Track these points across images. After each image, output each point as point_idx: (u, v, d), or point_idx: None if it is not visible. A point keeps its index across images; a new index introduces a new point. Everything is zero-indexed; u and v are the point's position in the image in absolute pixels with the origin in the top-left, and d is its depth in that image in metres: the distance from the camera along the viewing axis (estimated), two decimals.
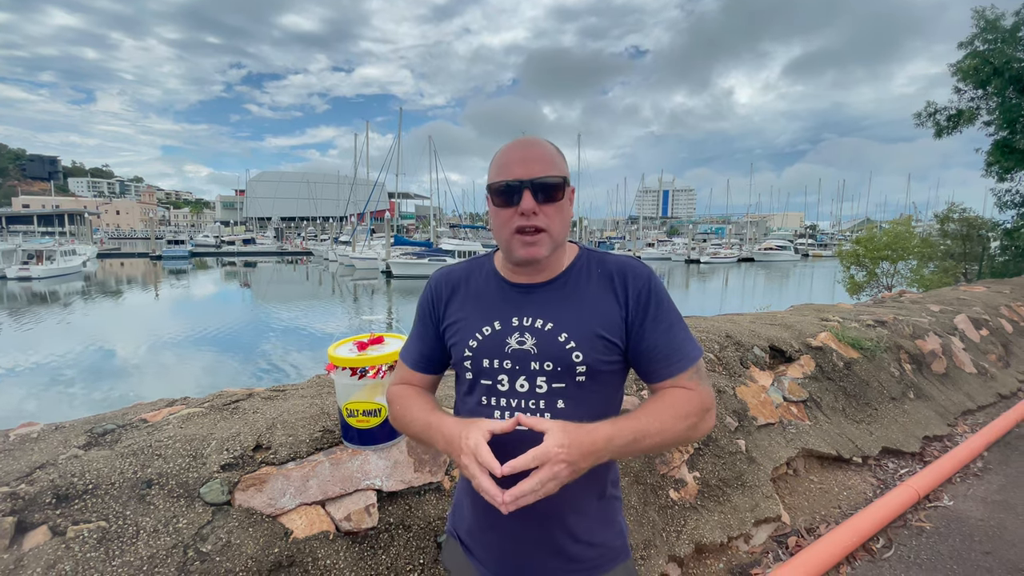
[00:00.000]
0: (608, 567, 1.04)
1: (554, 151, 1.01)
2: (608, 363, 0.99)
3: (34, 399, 10.66)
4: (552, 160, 0.98)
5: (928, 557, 2.42)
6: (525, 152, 0.98)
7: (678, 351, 0.99)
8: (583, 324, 0.99)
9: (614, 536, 1.07)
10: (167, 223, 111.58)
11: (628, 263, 1.05)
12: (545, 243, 0.98)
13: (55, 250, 34.89)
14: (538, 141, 1.01)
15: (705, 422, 0.97)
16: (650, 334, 0.99)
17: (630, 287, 1.00)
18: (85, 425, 1.72)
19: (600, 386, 1.01)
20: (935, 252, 13.26)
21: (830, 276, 22.28)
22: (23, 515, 1.30)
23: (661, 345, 0.99)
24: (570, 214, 1.04)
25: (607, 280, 1.02)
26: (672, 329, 1.00)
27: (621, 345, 1.00)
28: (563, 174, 0.99)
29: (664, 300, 1.01)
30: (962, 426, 3.95)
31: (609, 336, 0.99)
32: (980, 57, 10.71)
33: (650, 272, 1.04)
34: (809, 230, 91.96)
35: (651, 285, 1.01)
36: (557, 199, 0.98)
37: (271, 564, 1.43)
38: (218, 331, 17.40)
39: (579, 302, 1.01)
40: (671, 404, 0.95)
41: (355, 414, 1.45)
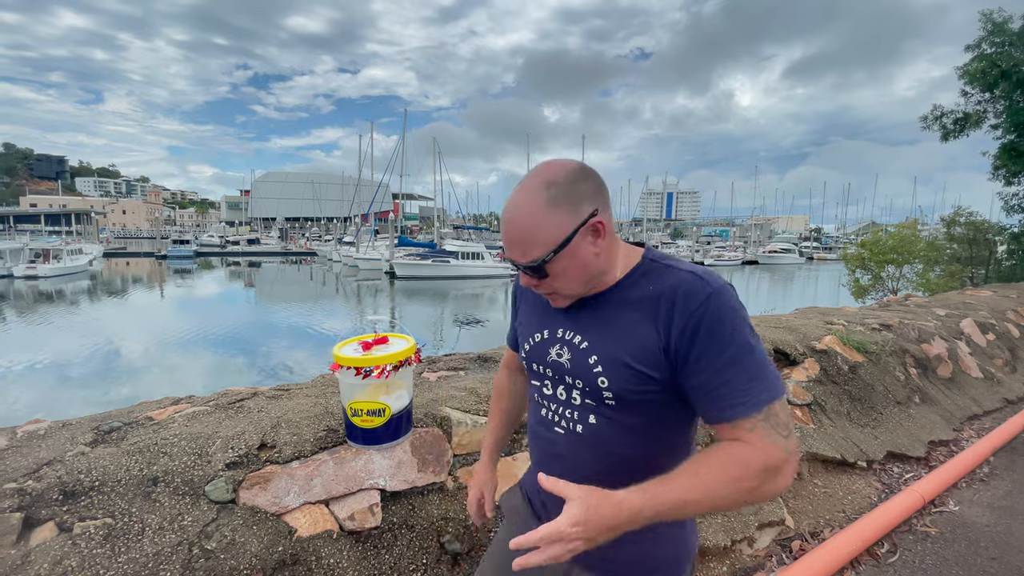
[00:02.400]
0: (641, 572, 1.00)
1: (533, 221, 0.86)
2: (641, 393, 0.90)
3: (41, 397, 10.73)
4: (527, 240, 0.87)
5: (933, 562, 2.41)
6: (509, 235, 0.90)
7: (734, 393, 0.83)
8: (613, 350, 0.91)
9: (657, 549, 0.99)
10: (172, 223, 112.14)
11: (683, 282, 0.88)
12: (562, 299, 0.96)
13: (62, 249, 35.10)
14: (516, 216, 0.88)
15: (768, 485, 0.81)
16: (699, 370, 0.85)
17: (676, 314, 0.86)
18: (92, 422, 1.73)
19: (637, 413, 0.92)
20: (941, 256, 13.19)
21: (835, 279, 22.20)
22: (30, 511, 1.31)
23: (713, 384, 0.84)
24: (586, 257, 0.90)
25: (652, 302, 0.89)
26: (730, 367, 0.83)
27: (658, 377, 0.88)
28: (543, 251, 0.87)
29: (721, 330, 0.84)
30: (968, 431, 3.93)
31: (640, 367, 0.88)
32: (987, 60, 10.66)
33: (711, 294, 0.85)
34: (814, 233, 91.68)
35: (705, 312, 0.84)
36: (544, 275, 0.91)
37: (275, 562, 1.43)
38: (222, 330, 17.47)
39: (615, 324, 0.93)
40: (720, 465, 0.81)
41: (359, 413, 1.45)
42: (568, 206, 0.86)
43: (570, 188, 0.87)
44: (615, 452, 0.95)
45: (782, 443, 0.82)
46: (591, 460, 0.96)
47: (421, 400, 2.03)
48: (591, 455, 0.96)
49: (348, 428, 1.51)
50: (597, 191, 0.90)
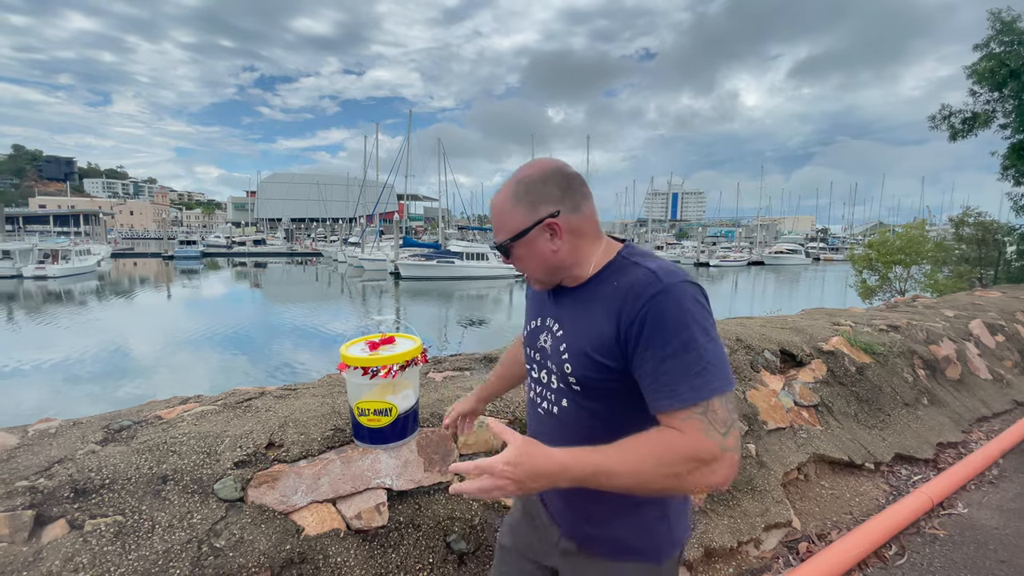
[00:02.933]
0: (619, 556, 1.06)
1: (502, 211, 1.02)
2: (602, 381, 0.97)
3: (51, 396, 10.83)
4: (499, 226, 1.04)
5: (942, 565, 2.39)
6: (492, 217, 1.07)
7: (672, 385, 0.87)
8: (578, 340, 1.00)
9: (641, 537, 1.05)
10: (179, 224, 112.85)
11: (639, 278, 0.94)
12: (534, 279, 1.08)
13: (70, 250, 35.39)
14: (496, 198, 1.05)
15: (696, 475, 0.84)
16: (644, 361, 0.90)
17: (628, 308, 0.92)
18: (101, 421, 1.75)
19: (599, 400, 0.99)
20: (949, 256, 13.08)
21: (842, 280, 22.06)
22: (42, 509, 1.33)
23: (654, 375, 0.89)
24: (545, 251, 1.01)
25: (614, 296, 0.96)
26: (670, 360, 0.87)
27: (614, 366, 0.94)
28: (505, 236, 1.02)
29: (665, 326, 0.88)
30: (977, 433, 3.90)
31: (599, 357, 0.95)
32: (996, 59, 10.57)
33: (659, 291, 0.90)
34: (820, 233, 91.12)
35: (651, 307, 0.89)
36: (511, 255, 1.04)
37: (283, 560, 1.44)
38: (229, 331, 17.57)
39: (583, 316, 1.01)
40: (650, 446, 0.85)
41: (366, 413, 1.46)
42: (527, 205, 0.99)
43: (534, 189, 0.99)
44: (582, 435, 0.99)
45: (717, 439, 0.84)
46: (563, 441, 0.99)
47: (427, 400, 2.03)
48: (563, 436, 1.03)
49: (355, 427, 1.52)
50: (564, 195, 0.99)
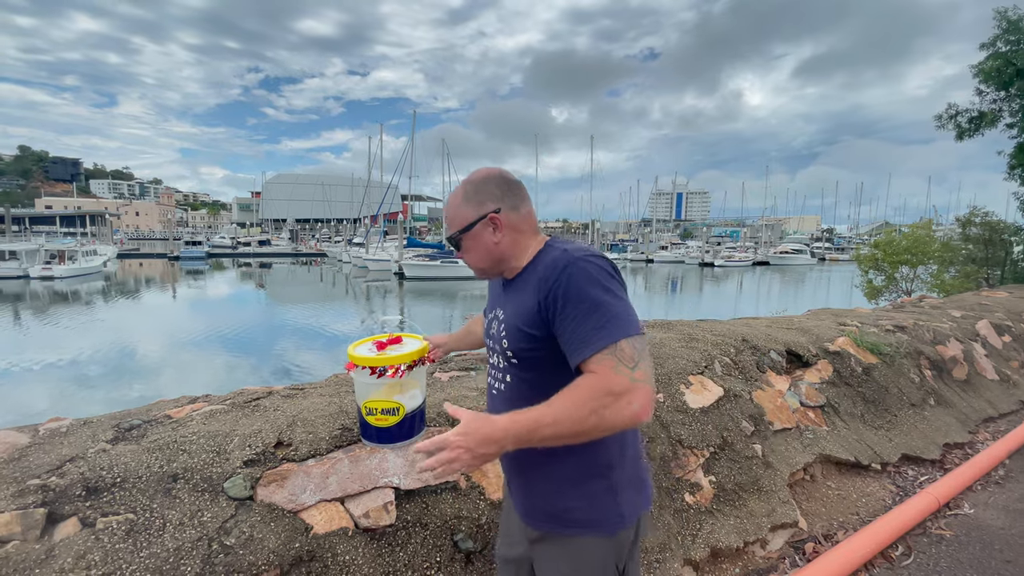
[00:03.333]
0: (569, 530, 1.15)
1: (455, 205, 1.21)
2: (531, 350, 1.12)
3: (60, 395, 10.90)
4: (451, 217, 1.22)
5: (948, 565, 2.38)
6: (445, 215, 1.25)
7: (583, 338, 1.00)
8: (511, 316, 1.17)
9: (588, 508, 1.14)
10: (185, 224, 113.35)
11: (553, 257, 1.10)
12: (477, 272, 1.26)
13: (77, 250, 35.60)
14: (449, 198, 1.24)
15: (612, 408, 0.94)
16: (560, 325, 1.05)
17: (544, 282, 1.08)
18: (112, 420, 1.77)
19: (532, 370, 1.15)
20: (956, 256, 13.00)
21: (848, 280, 21.96)
22: (54, 507, 1.34)
23: (569, 334, 1.03)
24: (487, 244, 1.19)
25: (536, 276, 1.12)
26: (581, 318, 1.01)
27: (539, 335, 1.09)
28: (454, 229, 1.21)
29: (572, 291, 1.03)
30: (983, 433, 3.88)
31: (526, 328, 1.11)
32: (1003, 58, 10.51)
33: (567, 263, 1.05)
34: (826, 233, 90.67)
35: (561, 278, 1.04)
36: (460, 247, 1.22)
37: (292, 558, 1.45)
38: (235, 331, 17.64)
39: (516, 298, 1.17)
40: (570, 391, 0.97)
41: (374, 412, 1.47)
42: (475, 203, 1.19)
43: (480, 188, 1.19)
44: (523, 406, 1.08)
45: (626, 372, 0.97)
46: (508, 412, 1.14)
47: (433, 400, 2.04)
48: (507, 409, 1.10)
49: (363, 427, 1.53)
50: (504, 195, 1.19)
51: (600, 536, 1.14)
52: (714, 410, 2.67)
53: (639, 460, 1.23)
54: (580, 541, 1.14)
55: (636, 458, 1.22)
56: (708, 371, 2.92)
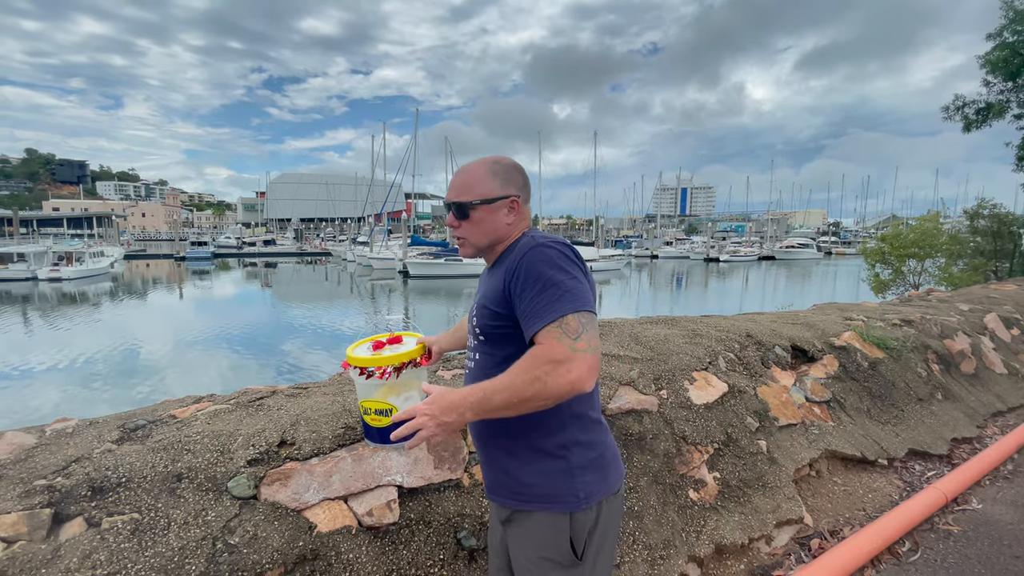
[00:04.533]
0: (529, 506, 1.21)
1: (476, 175, 1.25)
2: (495, 327, 1.21)
3: (67, 396, 10.99)
4: (466, 186, 1.25)
5: (955, 561, 2.37)
6: (454, 180, 1.28)
7: (535, 313, 1.09)
8: (482, 297, 1.26)
9: (545, 484, 1.20)
10: (190, 225, 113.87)
11: (520, 244, 1.19)
12: (467, 247, 1.30)
13: (84, 252, 35.84)
14: (467, 169, 1.28)
15: (554, 375, 1.02)
16: (517, 301, 1.13)
17: (510, 265, 1.17)
18: (117, 421, 1.78)
19: (496, 345, 1.23)
20: (964, 249, 12.89)
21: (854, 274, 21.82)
22: (60, 507, 1.35)
23: (522, 309, 1.12)
24: (495, 223, 1.25)
25: (507, 261, 1.20)
26: (535, 296, 1.10)
27: (503, 312, 1.18)
28: (474, 197, 1.24)
29: (532, 272, 1.11)
30: (992, 428, 3.85)
31: (492, 306, 1.20)
32: (1010, 48, 10.40)
33: (530, 248, 1.14)
34: (832, 227, 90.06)
35: (523, 260, 1.14)
36: (467, 216, 1.25)
37: (296, 557, 1.46)
38: (241, 330, 17.73)
39: (489, 282, 1.26)
40: (520, 362, 1.06)
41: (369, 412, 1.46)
42: (502, 180, 1.26)
43: (508, 171, 1.27)
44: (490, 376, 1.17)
45: (568, 342, 1.04)
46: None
47: None
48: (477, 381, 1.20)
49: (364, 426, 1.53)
50: (524, 184, 1.30)
51: (555, 512, 1.18)
52: (718, 406, 2.66)
53: (604, 445, 1.26)
54: (537, 516, 1.19)
55: (600, 443, 1.25)
56: (712, 367, 2.90)
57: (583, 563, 1.18)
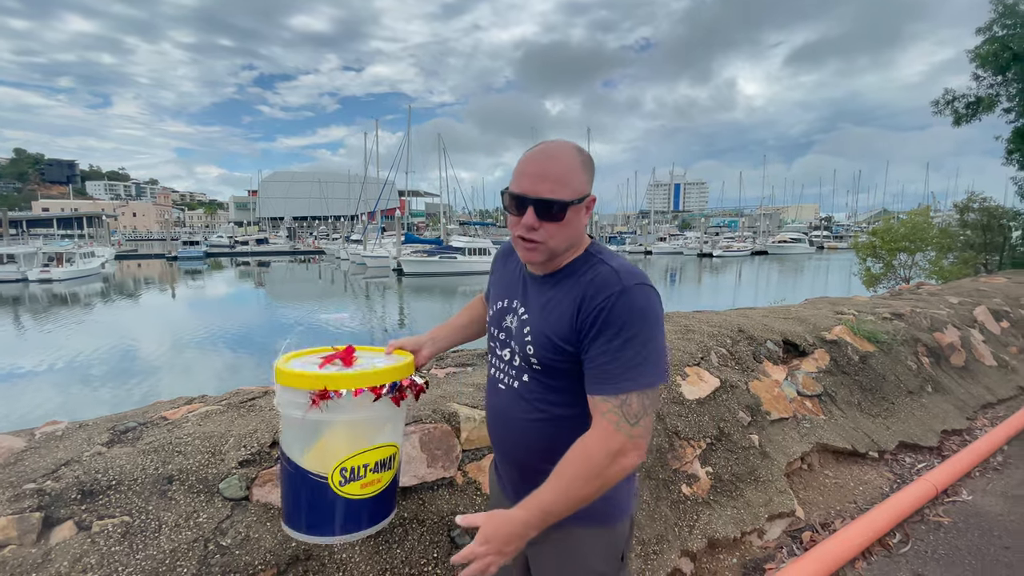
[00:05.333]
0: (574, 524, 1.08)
1: (571, 167, 1.02)
2: (561, 361, 1.06)
3: (58, 398, 10.91)
4: (563, 179, 1.01)
5: (946, 552, 2.40)
6: (541, 167, 1.02)
7: (605, 375, 0.98)
8: (541, 322, 1.08)
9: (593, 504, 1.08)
10: (182, 224, 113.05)
11: (602, 275, 1.03)
12: (542, 251, 1.06)
13: (74, 252, 35.54)
14: (558, 155, 1.03)
15: (615, 466, 0.96)
16: (590, 348, 1.00)
17: (589, 300, 1.01)
18: (108, 423, 1.77)
19: (559, 378, 1.09)
20: (954, 243, 12.99)
21: (846, 268, 21.97)
22: (50, 510, 1.34)
23: (594, 363, 1.00)
24: (579, 226, 1.07)
25: (579, 288, 1.04)
26: (612, 353, 0.98)
27: (571, 350, 1.04)
28: (571, 195, 1.01)
29: (615, 322, 0.98)
30: (982, 420, 3.90)
31: (557, 340, 1.05)
32: (999, 42, 10.46)
33: (619, 291, 0.99)
34: (824, 222, 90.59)
35: (607, 304, 0.99)
36: (557, 219, 1.02)
37: (289, 557, 1.46)
38: (234, 330, 17.64)
39: (549, 303, 1.08)
40: (573, 467, 0.97)
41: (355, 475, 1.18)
42: (589, 175, 1.06)
43: (590, 166, 1.07)
44: (538, 408, 1.12)
45: (625, 429, 0.96)
46: (521, 413, 1.14)
47: (431, 396, 2.04)
48: (521, 408, 1.13)
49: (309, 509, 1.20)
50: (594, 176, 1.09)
51: (602, 528, 1.14)
52: (711, 401, 2.67)
53: None
54: (581, 533, 1.13)
55: None
56: (704, 362, 2.92)
57: (624, 565, 1.19)
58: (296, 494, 1.15)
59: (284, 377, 1.13)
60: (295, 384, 1.11)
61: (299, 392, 1.11)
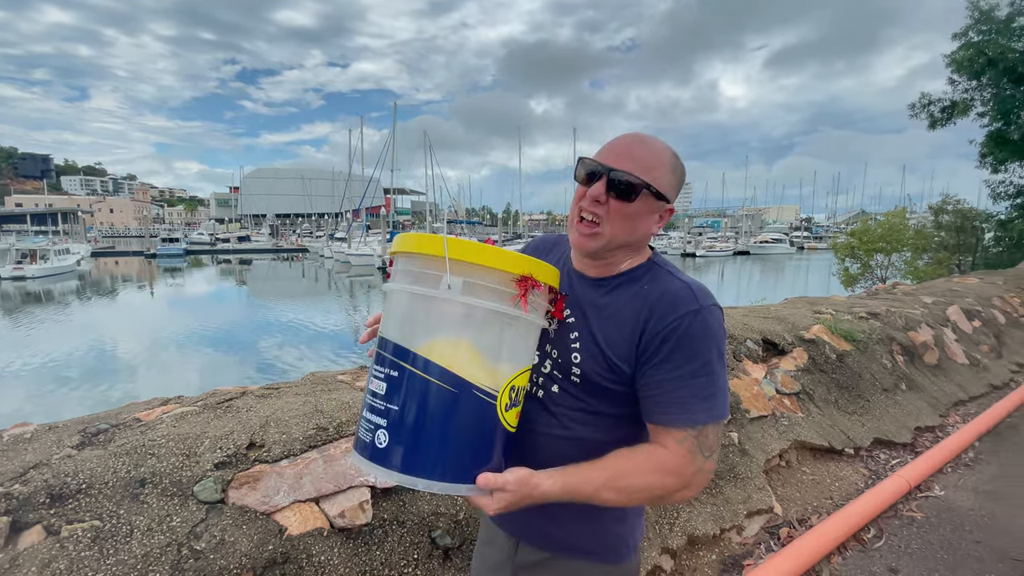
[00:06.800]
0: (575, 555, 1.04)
1: (661, 160, 0.96)
2: (609, 380, 0.95)
3: (28, 399, 10.64)
4: (648, 165, 0.94)
5: (919, 546, 2.45)
6: (629, 147, 0.96)
7: (679, 403, 0.89)
8: (594, 334, 0.96)
9: (599, 540, 1.05)
10: (161, 221, 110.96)
11: (676, 290, 0.93)
12: (599, 240, 0.96)
13: (49, 249, 34.68)
14: (651, 145, 0.97)
15: (677, 495, 0.90)
16: (656, 372, 0.91)
17: (657, 316, 0.91)
18: (78, 425, 1.72)
19: (598, 397, 0.97)
20: (929, 244, 13.32)
21: (825, 269, 22.36)
22: (17, 515, 1.31)
23: (663, 388, 0.90)
24: (646, 225, 0.98)
25: (644, 299, 0.94)
26: (685, 378, 0.89)
27: (627, 370, 0.94)
28: (651, 181, 0.93)
29: (691, 345, 0.89)
30: (954, 417, 3.99)
31: (612, 358, 0.94)
32: (975, 48, 10.72)
33: (696, 310, 0.90)
34: (804, 223, 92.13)
35: (682, 324, 0.89)
36: (629, 199, 0.93)
37: (266, 561, 1.44)
38: (214, 329, 17.37)
39: (604, 310, 0.98)
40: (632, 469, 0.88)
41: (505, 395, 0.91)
42: (677, 182, 1.00)
43: (682, 174, 1.01)
44: (564, 424, 0.99)
45: (700, 462, 0.89)
46: (543, 426, 1.00)
47: None
48: (543, 421, 1.01)
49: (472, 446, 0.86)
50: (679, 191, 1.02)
51: (608, 564, 1.05)
52: None
53: None
54: (586, 566, 1.04)
55: None
56: None
57: None
58: (445, 420, 0.79)
59: (475, 252, 0.79)
60: (498, 263, 0.79)
61: (494, 274, 0.80)
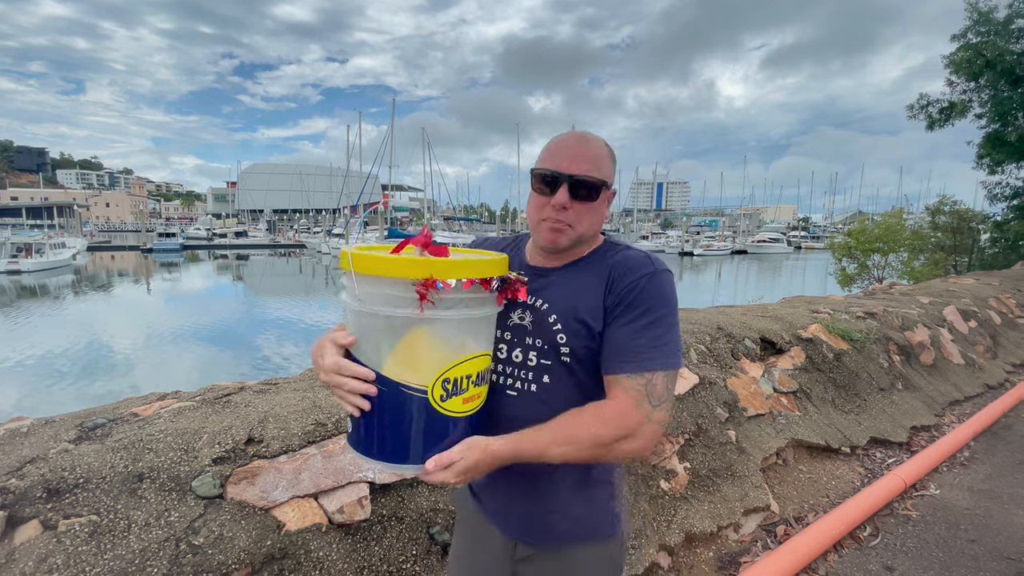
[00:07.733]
0: (583, 541, 1.07)
1: (605, 153, 1.03)
2: (590, 348, 1.00)
3: (25, 394, 10.59)
4: (598, 162, 1.01)
5: (914, 545, 2.46)
6: (577, 148, 1.01)
7: (630, 351, 0.94)
8: (570, 308, 1.01)
9: (595, 516, 1.08)
10: (158, 216, 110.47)
11: (634, 257, 1.02)
12: (569, 235, 1.02)
13: (44, 243, 34.51)
14: (593, 140, 1.04)
15: (620, 446, 0.91)
16: (615, 325, 0.97)
17: (619, 278, 0.99)
18: (75, 419, 1.72)
19: (587, 370, 1.01)
20: (926, 244, 13.36)
21: (822, 268, 22.40)
22: (14, 509, 1.30)
23: (618, 338, 0.96)
24: (602, 215, 1.06)
25: (606, 268, 1.02)
26: (639, 329, 0.95)
27: (599, 330, 0.99)
28: (605, 177, 1.02)
29: (645, 301, 0.96)
30: (949, 416, 4.01)
31: (589, 320, 0.99)
32: (973, 50, 10.75)
33: (652, 272, 0.98)
34: (802, 222, 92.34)
35: (639, 283, 0.97)
36: (591, 200, 1.01)
37: (264, 556, 1.43)
38: (211, 325, 17.31)
39: (575, 286, 1.03)
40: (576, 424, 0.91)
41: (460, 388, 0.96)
42: (614, 165, 1.07)
43: (614, 157, 1.07)
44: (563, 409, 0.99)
45: (647, 409, 0.92)
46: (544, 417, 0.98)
47: None
48: (542, 413, 0.99)
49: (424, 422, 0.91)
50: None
51: (602, 542, 1.09)
52: (689, 397, 2.70)
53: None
54: (581, 553, 1.07)
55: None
56: (684, 359, 2.95)
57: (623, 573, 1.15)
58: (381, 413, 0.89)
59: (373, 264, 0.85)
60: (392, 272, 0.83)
61: (397, 283, 0.84)
